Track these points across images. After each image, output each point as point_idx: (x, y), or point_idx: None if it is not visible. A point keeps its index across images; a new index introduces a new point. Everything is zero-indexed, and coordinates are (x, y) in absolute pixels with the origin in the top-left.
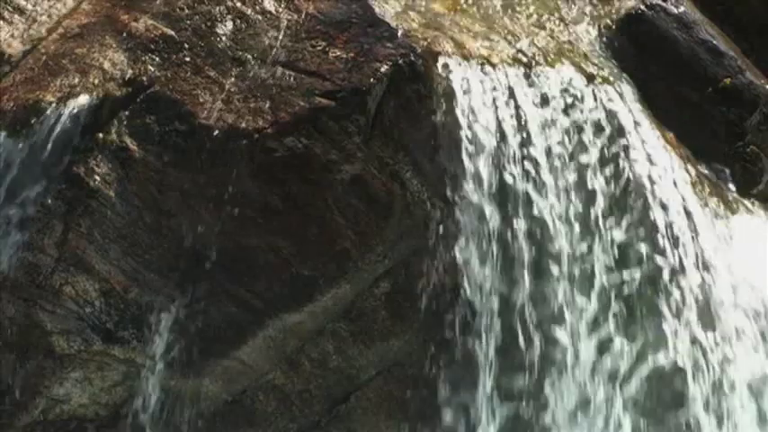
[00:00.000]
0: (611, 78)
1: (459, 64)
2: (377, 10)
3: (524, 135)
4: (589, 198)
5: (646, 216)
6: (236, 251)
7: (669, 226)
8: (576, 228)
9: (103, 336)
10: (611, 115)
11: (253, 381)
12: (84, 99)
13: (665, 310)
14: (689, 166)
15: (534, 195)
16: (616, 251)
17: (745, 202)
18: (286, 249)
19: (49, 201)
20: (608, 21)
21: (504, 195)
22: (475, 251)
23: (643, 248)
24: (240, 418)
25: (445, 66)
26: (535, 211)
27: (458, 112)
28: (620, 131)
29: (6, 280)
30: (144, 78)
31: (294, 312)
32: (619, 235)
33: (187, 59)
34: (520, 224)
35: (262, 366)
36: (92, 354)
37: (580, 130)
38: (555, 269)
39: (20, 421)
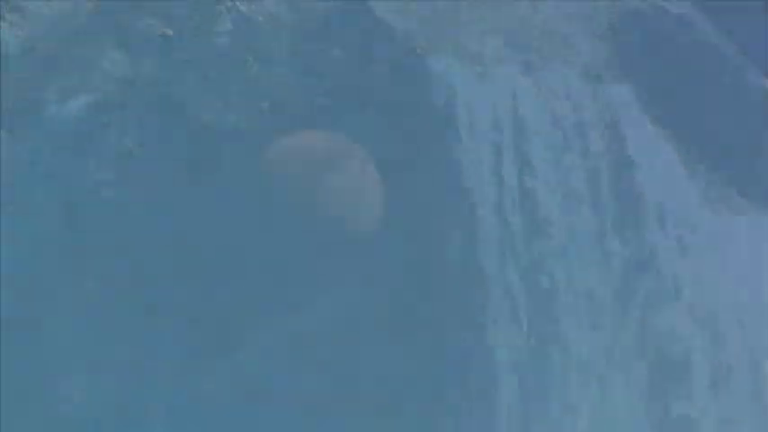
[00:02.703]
0: (612, 77)
1: (460, 62)
2: (377, 10)
3: (524, 133)
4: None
5: (647, 211)
6: (237, 251)
7: (669, 221)
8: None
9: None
10: (610, 114)
11: (252, 381)
12: (84, 99)
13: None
14: (689, 165)
15: (537, 195)
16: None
17: (746, 201)
18: (286, 249)
19: (50, 201)
20: (610, 20)
21: (502, 194)
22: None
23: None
24: (239, 418)
25: (445, 64)
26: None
27: (458, 110)
28: (619, 130)
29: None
30: (144, 78)
31: (294, 313)
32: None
33: (187, 59)
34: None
35: (262, 367)
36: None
37: (580, 128)
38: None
39: (20, 417)
